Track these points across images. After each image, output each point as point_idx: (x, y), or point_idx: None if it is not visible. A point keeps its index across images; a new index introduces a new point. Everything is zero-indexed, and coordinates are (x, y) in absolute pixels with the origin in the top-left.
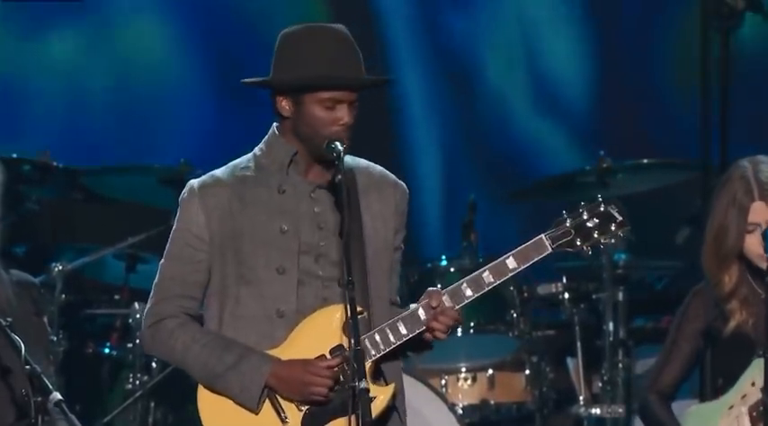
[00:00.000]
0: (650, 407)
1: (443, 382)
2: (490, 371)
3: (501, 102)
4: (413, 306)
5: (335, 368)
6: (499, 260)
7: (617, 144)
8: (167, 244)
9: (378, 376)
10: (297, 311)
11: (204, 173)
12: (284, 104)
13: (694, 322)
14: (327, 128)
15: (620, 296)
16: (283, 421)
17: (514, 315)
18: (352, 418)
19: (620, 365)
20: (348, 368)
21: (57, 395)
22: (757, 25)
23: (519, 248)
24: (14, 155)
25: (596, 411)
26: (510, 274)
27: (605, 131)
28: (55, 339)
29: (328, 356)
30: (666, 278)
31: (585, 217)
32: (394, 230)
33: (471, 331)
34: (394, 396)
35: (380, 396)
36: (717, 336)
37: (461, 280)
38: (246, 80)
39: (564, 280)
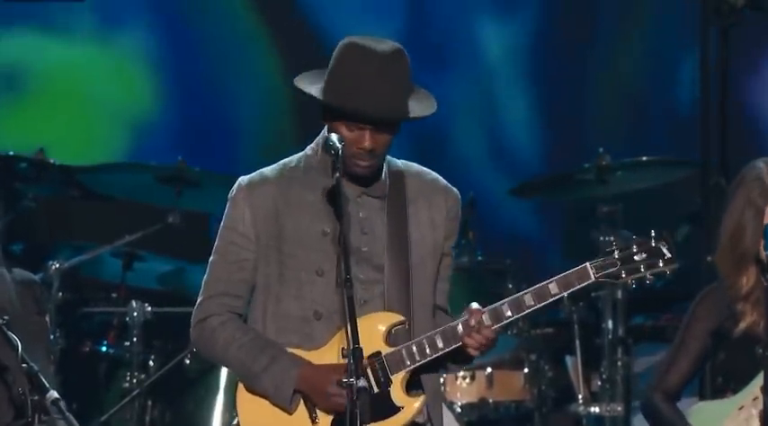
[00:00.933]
0: (656, 406)
1: (441, 380)
2: (489, 369)
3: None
4: (456, 321)
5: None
6: (542, 284)
7: (616, 141)
8: (216, 240)
9: (413, 387)
10: (335, 312)
11: (204, 171)
12: (327, 115)
13: (704, 321)
14: (350, 148)
15: (620, 294)
16: (314, 422)
17: None
18: (350, 416)
19: (620, 363)
20: (382, 374)
21: (54, 394)
22: (757, 22)
23: (563, 274)
24: (10, 153)
25: (595, 409)
26: (551, 299)
27: (604, 128)
28: (52, 337)
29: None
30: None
31: (634, 250)
32: (444, 236)
33: None
34: (420, 410)
35: (407, 408)
36: (726, 336)
37: (503, 301)
38: (299, 86)
39: None
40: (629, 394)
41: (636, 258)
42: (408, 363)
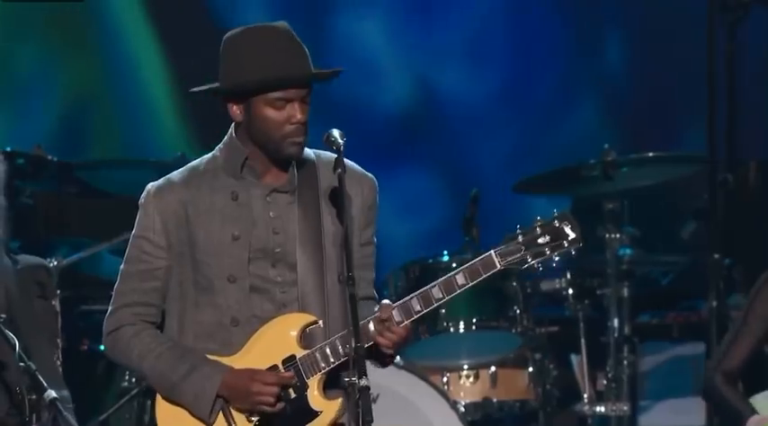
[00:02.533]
0: (718, 388)
1: (445, 379)
2: (493, 368)
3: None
4: (368, 319)
5: (284, 379)
6: (448, 275)
7: (621, 137)
8: (127, 248)
9: (329, 389)
10: (253, 317)
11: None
12: (235, 110)
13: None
14: (281, 128)
15: (625, 291)
16: None
17: (517, 311)
18: (353, 415)
19: (625, 362)
20: (297, 378)
21: (52, 393)
22: (764, 17)
23: (468, 264)
24: (8, 149)
25: (601, 409)
26: (459, 290)
27: (609, 124)
28: None
29: (281, 366)
30: (672, 273)
31: (538, 233)
32: (361, 227)
33: (473, 327)
34: (341, 413)
35: (326, 412)
36: None
37: (411, 295)
38: (195, 89)
39: (568, 276)
40: (636, 393)
41: (540, 241)
42: (323, 365)
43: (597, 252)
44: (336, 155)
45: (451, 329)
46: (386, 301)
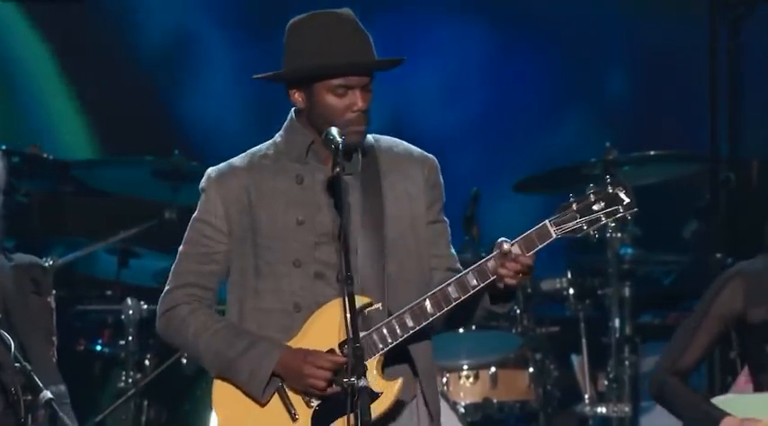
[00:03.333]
0: (672, 387)
1: (444, 380)
2: (493, 369)
3: (508, 87)
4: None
5: (338, 363)
6: (496, 252)
7: (623, 135)
8: (187, 230)
9: (388, 369)
10: (316, 303)
11: (202, 165)
12: (297, 96)
13: (729, 304)
14: (341, 115)
15: (627, 291)
16: (293, 418)
17: (518, 310)
18: (351, 417)
19: (627, 362)
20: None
21: (47, 394)
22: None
23: (522, 235)
24: (3, 147)
25: (602, 410)
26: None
27: (612, 121)
28: None
29: (337, 350)
30: (674, 273)
31: (592, 200)
32: (426, 205)
33: (473, 327)
34: (400, 393)
35: (386, 393)
36: (754, 322)
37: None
38: (258, 75)
39: (569, 275)
40: (637, 393)
41: (595, 207)
42: (381, 346)
43: (598, 251)
44: (394, 143)
45: None
46: (502, 238)
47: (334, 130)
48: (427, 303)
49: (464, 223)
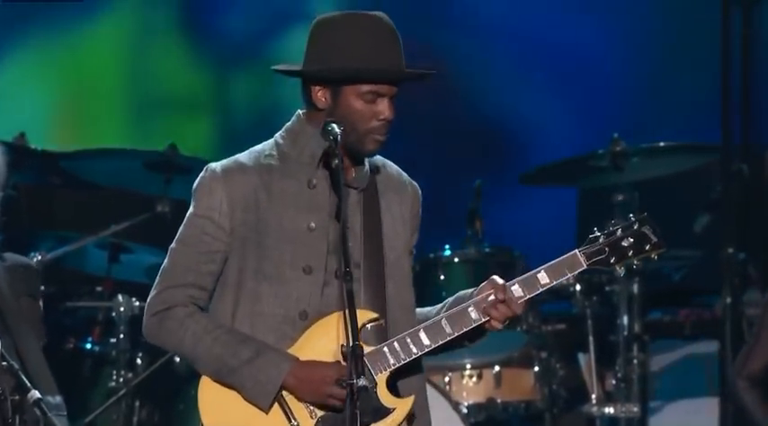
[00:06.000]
0: (739, 394)
1: (447, 379)
2: (497, 368)
3: (510, 81)
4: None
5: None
6: (530, 273)
7: (632, 125)
8: (181, 227)
9: (396, 387)
10: (320, 313)
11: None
12: (320, 95)
13: None
14: (366, 122)
15: (635, 288)
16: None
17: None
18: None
19: (635, 361)
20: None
21: (36, 394)
22: None
23: (551, 263)
24: None
25: (609, 410)
26: (540, 289)
27: (620, 112)
28: None
29: (342, 360)
30: (684, 268)
31: (620, 235)
32: (411, 233)
33: None
34: (412, 409)
35: (399, 408)
36: None
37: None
38: (279, 67)
39: None
40: (646, 393)
41: (623, 244)
42: (393, 361)
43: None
44: (382, 161)
45: None
46: (495, 277)
47: (333, 124)
48: (444, 322)
49: (468, 216)
